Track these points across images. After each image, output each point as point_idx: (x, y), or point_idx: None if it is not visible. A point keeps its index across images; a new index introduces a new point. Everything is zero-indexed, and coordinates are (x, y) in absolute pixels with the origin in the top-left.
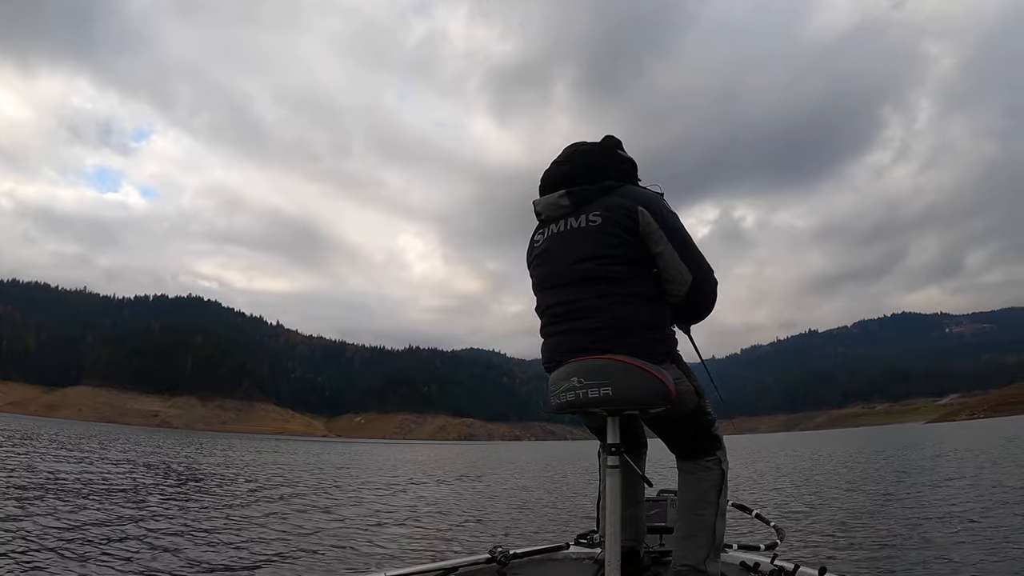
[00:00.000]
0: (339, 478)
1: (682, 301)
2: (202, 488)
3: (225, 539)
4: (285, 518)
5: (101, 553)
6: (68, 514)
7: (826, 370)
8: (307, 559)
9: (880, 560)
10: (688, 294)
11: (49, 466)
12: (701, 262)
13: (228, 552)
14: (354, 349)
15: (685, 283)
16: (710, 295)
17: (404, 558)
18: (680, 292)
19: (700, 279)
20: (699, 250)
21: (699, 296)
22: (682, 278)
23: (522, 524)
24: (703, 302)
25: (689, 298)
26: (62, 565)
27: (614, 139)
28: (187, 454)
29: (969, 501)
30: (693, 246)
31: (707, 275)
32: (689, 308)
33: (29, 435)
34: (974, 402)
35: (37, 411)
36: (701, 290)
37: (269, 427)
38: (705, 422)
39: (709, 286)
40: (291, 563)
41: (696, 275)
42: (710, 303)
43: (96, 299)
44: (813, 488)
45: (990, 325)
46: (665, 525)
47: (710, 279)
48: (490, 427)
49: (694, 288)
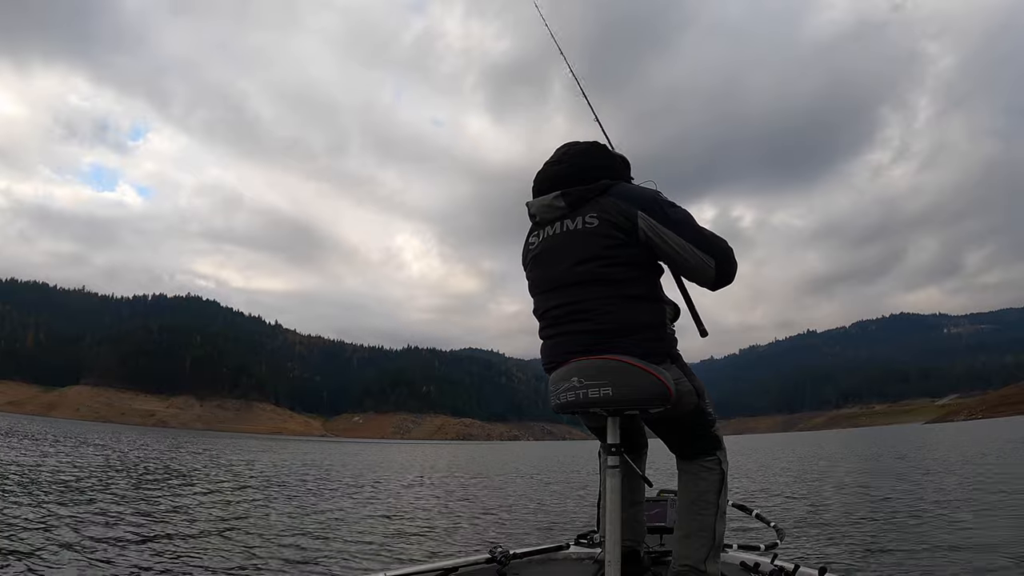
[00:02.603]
0: (337, 478)
1: (712, 284)
2: (200, 488)
3: (220, 541)
4: (283, 519)
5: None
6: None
7: (824, 370)
8: (307, 559)
9: (880, 560)
10: (716, 276)
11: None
12: (715, 240)
13: (225, 554)
14: (352, 349)
15: (711, 268)
16: (732, 264)
17: (404, 558)
18: (708, 277)
19: (722, 260)
20: (707, 230)
21: (725, 272)
22: (705, 264)
23: (522, 524)
24: (729, 273)
25: (718, 278)
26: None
27: (600, 143)
28: (185, 453)
29: (969, 502)
30: (703, 230)
31: (727, 254)
32: (719, 284)
33: (9, 432)
34: (972, 402)
35: (34, 411)
36: (724, 267)
37: (267, 427)
38: (705, 422)
39: (729, 256)
40: (291, 563)
41: (716, 256)
42: (734, 271)
43: (94, 299)
44: (813, 488)
45: (988, 325)
46: (665, 525)
47: (727, 251)
48: (488, 427)
49: (719, 269)
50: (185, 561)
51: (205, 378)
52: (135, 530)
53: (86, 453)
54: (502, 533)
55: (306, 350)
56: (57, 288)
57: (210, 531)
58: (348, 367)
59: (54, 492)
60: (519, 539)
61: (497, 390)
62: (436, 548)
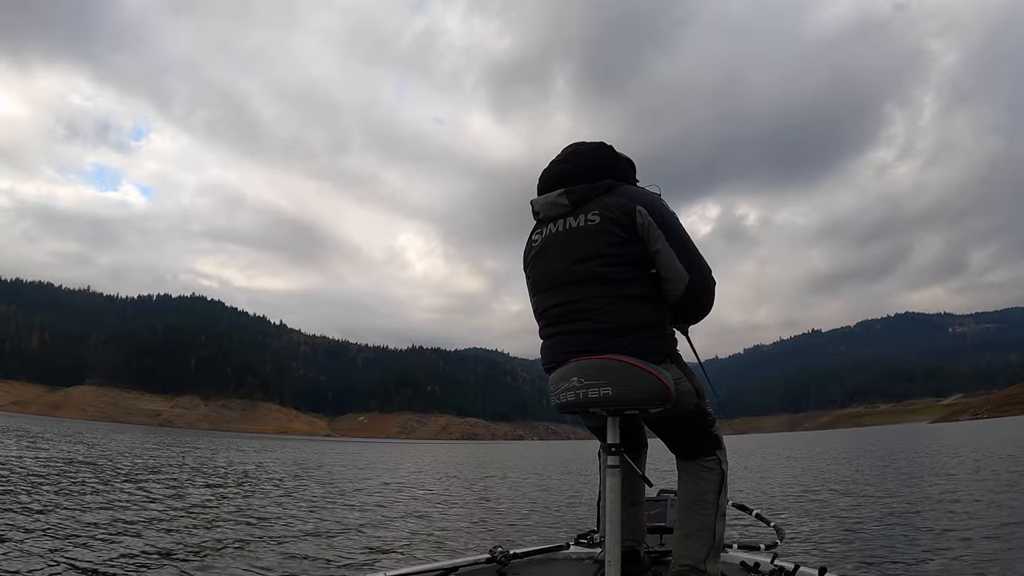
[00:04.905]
0: (340, 478)
1: (680, 300)
2: (200, 488)
3: (220, 541)
4: (285, 518)
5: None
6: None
7: (829, 370)
8: (307, 559)
9: (880, 560)
10: (685, 293)
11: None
12: (699, 261)
13: (226, 551)
14: (357, 349)
15: (683, 282)
16: (707, 294)
17: (404, 558)
18: (678, 291)
19: (697, 278)
20: (697, 250)
21: (696, 295)
22: (679, 277)
23: (522, 524)
24: (700, 301)
25: (687, 297)
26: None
27: (607, 144)
28: (189, 453)
29: (970, 502)
30: (691, 245)
31: (705, 274)
32: (687, 307)
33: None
34: (977, 402)
35: (40, 411)
36: (698, 289)
37: (272, 427)
38: (705, 422)
39: (707, 285)
40: (291, 563)
41: (693, 274)
42: (708, 302)
43: (100, 299)
44: (814, 488)
45: (994, 325)
46: (665, 525)
47: (708, 278)
48: (493, 427)
49: (691, 287)
50: (185, 561)
51: (210, 378)
52: (133, 527)
53: (106, 451)
54: (502, 533)
55: (311, 350)
56: (62, 288)
57: (210, 531)
58: (353, 367)
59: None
60: (519, 539)
61: (502, 390)
62: (436, 548)
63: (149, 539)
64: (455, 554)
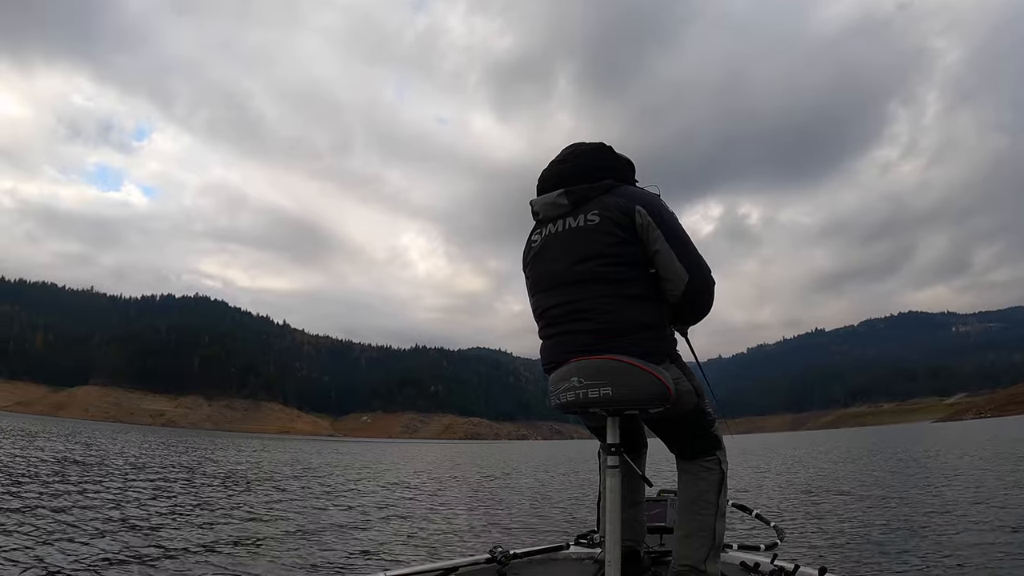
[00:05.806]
0: (342, 477)
1: (679, 300)
2: (200, 487)
3: (220, 541)
4: (285, 517)
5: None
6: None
7: (832, 369)
8: (307, 559)
9: (880, 560)
10: (685, 293)
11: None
12: (698, 261)
13: (226, 551)
14: (360, 349)
15: (682, 282)
16: (707, 294)
17: (404, 558)
18: (677, 291)
19: (697, 278)
20: (696, 250)
21: (696, 295)
22: (679, 277)
23: (522, 524)
24: (700, 301)
25: (686, 297)
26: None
27: (607, 145)
28: (191, 453)
29: (972, 502)
30: (690, 245)
31: (704, 274)
32: (686, 308)
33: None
34: (981, 401)
35: (43, 411)
36: (698, 289)
37: (276, 427)
38: (705, 422)
39: (706, 285)
40: (291, 563)
41: (693, 274)
42: (707, 302)
43: (103, 299)
44: (814, 488)
45: (997, 324)
46: (665, 525)
47: (707, 278)
48: (496, 426)
49: (691, 287)
50: (185, 561)
51: (213, 378)
52: (135, 528)
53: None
54: (502, 533)
55: (314, 350)
56: (66, 288)
57: (210, 531)
58: (356, 367)
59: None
60: (519, 539)
61: (505, 389)
62: (436, 548)
63: (149, 539)
64: (455, 554)
